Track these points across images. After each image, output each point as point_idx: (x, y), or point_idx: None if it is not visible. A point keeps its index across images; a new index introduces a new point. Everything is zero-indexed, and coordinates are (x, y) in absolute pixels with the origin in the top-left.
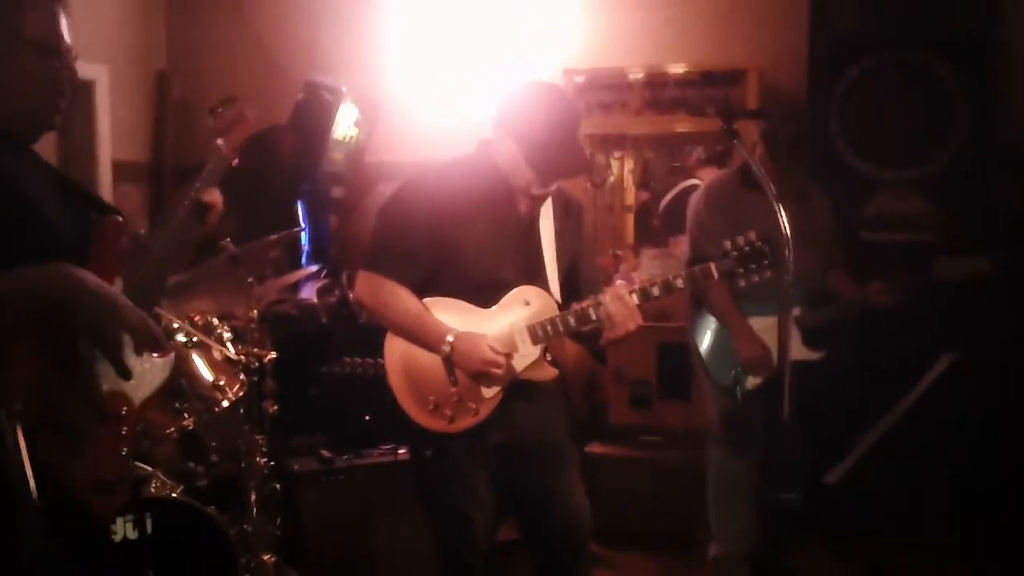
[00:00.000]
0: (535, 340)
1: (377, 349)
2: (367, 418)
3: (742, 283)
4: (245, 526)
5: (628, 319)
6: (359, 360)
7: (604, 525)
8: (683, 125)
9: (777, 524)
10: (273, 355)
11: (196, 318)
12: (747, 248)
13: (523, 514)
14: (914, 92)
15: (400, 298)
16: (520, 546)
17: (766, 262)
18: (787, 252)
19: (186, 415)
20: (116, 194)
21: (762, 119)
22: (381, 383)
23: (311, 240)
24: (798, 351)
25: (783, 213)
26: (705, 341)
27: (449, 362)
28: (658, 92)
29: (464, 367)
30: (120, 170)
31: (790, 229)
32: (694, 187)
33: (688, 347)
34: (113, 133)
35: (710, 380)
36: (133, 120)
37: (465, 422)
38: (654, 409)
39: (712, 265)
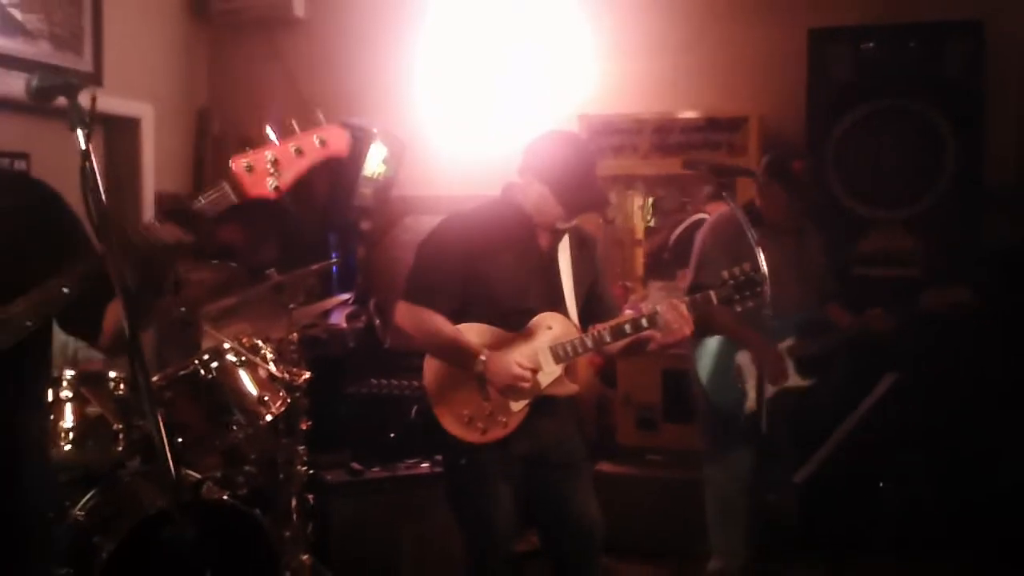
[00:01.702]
0: (557, 359)
1: (399, 371)
2: (392, 435)
3: (738, 308)
4: (285, 532)
5: (684, 325)
6: (383, 381)
7: (612, 538)
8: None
9: (771, 538)
10: (308, 375)
11: (244, 340)
12: (742, 277)
13: (542, 519)
14: (906, 136)
15: (437, 324)
16: (537, 556)
17: (758, 289)
18: (766, 288)
19: (234, 427)
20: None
21: (746, 176)
22: (404, 402)
23: (340, 269)
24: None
25: (762, 255)
26: (707, 368)
27: (482, 379)
28: (665, 136)
29: (495, 382)
30: (163, 202)
31: (789, 263)
32: (701, 221)
33: (690, 374)
34: (156, 166)
35: (710, 405)
36: (175, 154)
37: (495, 434)
38: (659, 431)
39: (712, 292)
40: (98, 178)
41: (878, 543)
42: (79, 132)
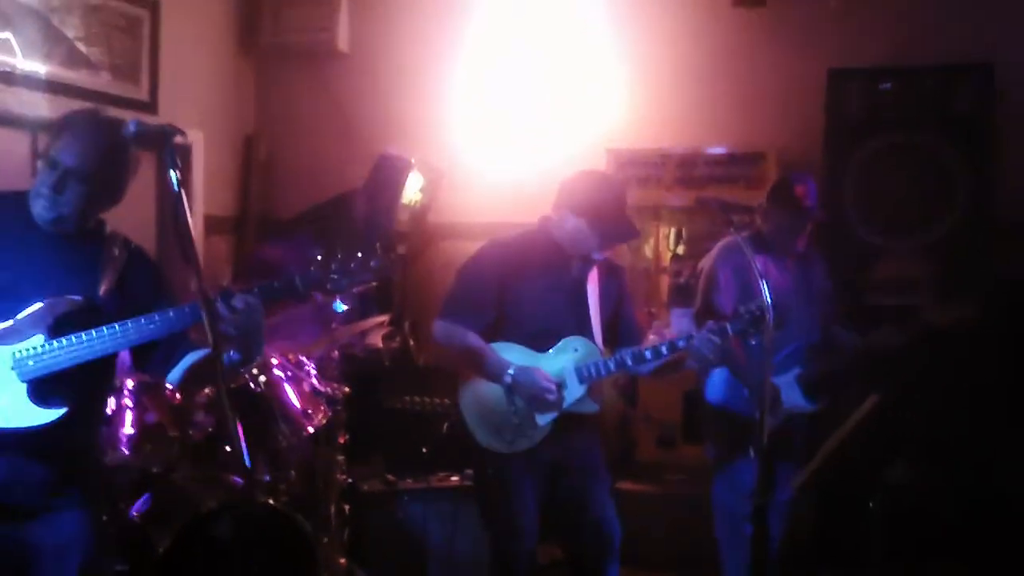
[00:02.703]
0: (581, 379)
1: (431, 390)
2: (424, 449)
3: (752, 341)
4: (324, 537)
5: (717, 351)
6: (417, 399)
7: (631, 552)
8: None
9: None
10: (347, 390)
11: (289, 356)
12: (757, 312)
13: (564, 524)
14: (918, 169)
15: (470, 339)
16: (558, 567)
17: (765, 322)
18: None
19: (279, 437)
20: (206, 244)
21: (750, 211)
22: (436, 419)
23: (376, 292)
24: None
25: (766, 285)
26: (723, 381)
27: (510, 392)
28: (689, 170)
29: (523, 394)
30: (210, 223)
31: (794, 288)
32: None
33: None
34: (205, 190)
35: (723, 416)
36: (223, 178)
37: (522, 445)
38: (678, 449)
39: (727, 324)
40: (189, 217)
41: (873, 556)
42: (172, 173)
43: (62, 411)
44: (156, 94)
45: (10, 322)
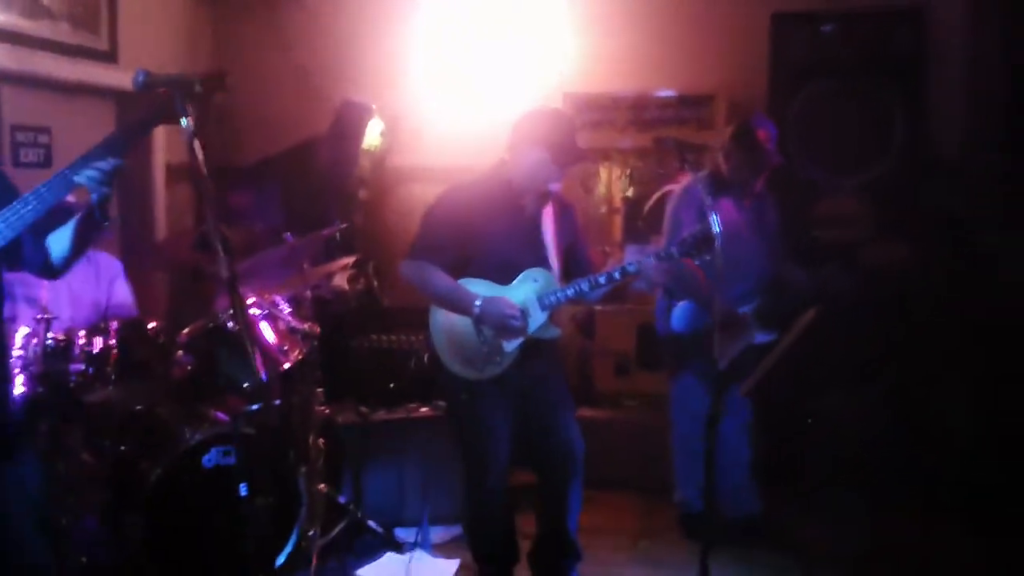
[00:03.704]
0: (543, 307)
1: (397, 328)
2: (392, 384)
3: (696, 261)
4: (303, 466)
5: (660, 274)
6: (383, 337)
7: (591, 473)
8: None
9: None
10: (319, 329)
11: (264, 295)
12: (699, 235)
13: (533, 443)
14: (857, 110)
15: (439, 276)
16: (530, 490)
17: (712, 245)
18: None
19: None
20: (170, 191)
21: (706, 151)
22: (402, 355)
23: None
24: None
25: (716, 217)
26: (682, 314)
27: (479, 323)
28: (640, 113)
29: (490, 323)
30: (172, 172)
31: (751, 225)
32: (672, 192)
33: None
34: (166, 140)
35: (688, 341)
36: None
37: (491, 371)
38: (633, 377)
39: (673, 248)
40: (200, 153)
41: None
42: (184, 121)
43: None
44: (116, 43)
45: None
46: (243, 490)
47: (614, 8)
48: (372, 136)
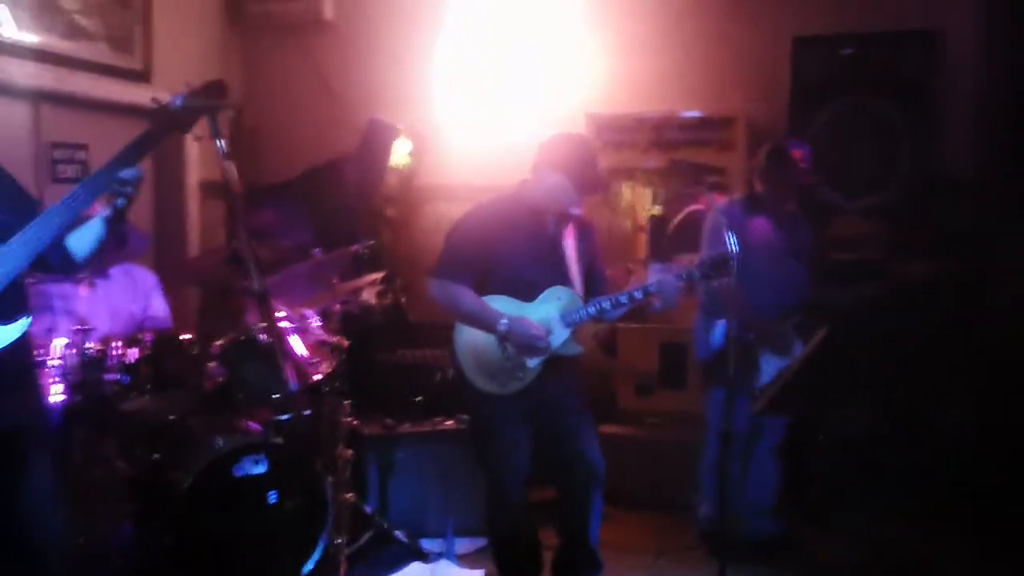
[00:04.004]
0: (566, 324)
1: (422, 343)
2: (418, 398)
3: (715, 283)
4: (331, 475)
5: (674, 295)
6: (409, 352)
7: (612, 490)
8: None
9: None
10: (347, 343)
11: (295, 309)
12: (717, 258)
13: (553, 457)
14: (871, 131)
15: (466, 295)
16: (550, 507)
17: (729, 267)
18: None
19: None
20: (203, 208)
21: (716, 176)
22: (428, 370)
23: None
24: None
25: (734, 238)
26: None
27: (503, 340)
28: (663, 134)
29: (515, 341)
30: (205, 188)
31: (787, 243)
32: (697, 211)
33: (687, 345)
34: (200, 156)
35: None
36: (214, 147)
37: (513, 387)
38: (655, 396)
39: (695, 268)
40: (233, 172)
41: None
42: (219, 142)
43: (26, 319)
44: (150, 64)
45: None
46: (272, 498)
47: (636, 31)
48: (399, 155)
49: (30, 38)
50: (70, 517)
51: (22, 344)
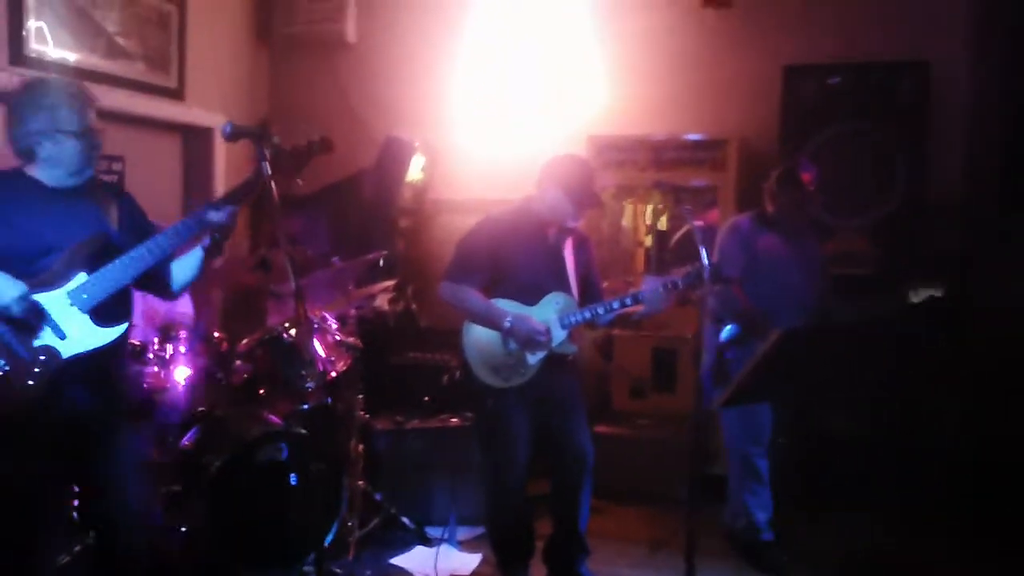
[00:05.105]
0: (563, 326)
1: (432, 347)
2: (427, 398)
3: (697, 292)
4: (345, 464)
5: (661, 302)
6: (419, 355)
7: (606, 486)
8: (678, 180)
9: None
10: (361, 345)
11: (315, 312)
12: (694, 272)
13: (549, 447)
14: (863, 156)
15: (474, 295)
16: (544, 500)
17: (702, 278)
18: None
19: (307, 380)
20: None
21: (698, 194)
22: (437, 372)
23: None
24: None
25: (705, 252)
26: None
27: (507, 337)
28: (660, 154)
29: (518, 338)
30: None
31: (797, 260)
32: (696, 227)
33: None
34: (227, 169)
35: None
36: (241, 158)
37: (516, 381)
38: (648, 399)
39: (678, 279)
40: (273, 190)
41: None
42: (264, 164)
43: (125, 325)
44: (184, 82)
45: (49, 272)
46: (293, 480)
47: (637, 59)
48: (414, 170)
49: (73, 56)
50: (153, 491)
51: (120, 344)
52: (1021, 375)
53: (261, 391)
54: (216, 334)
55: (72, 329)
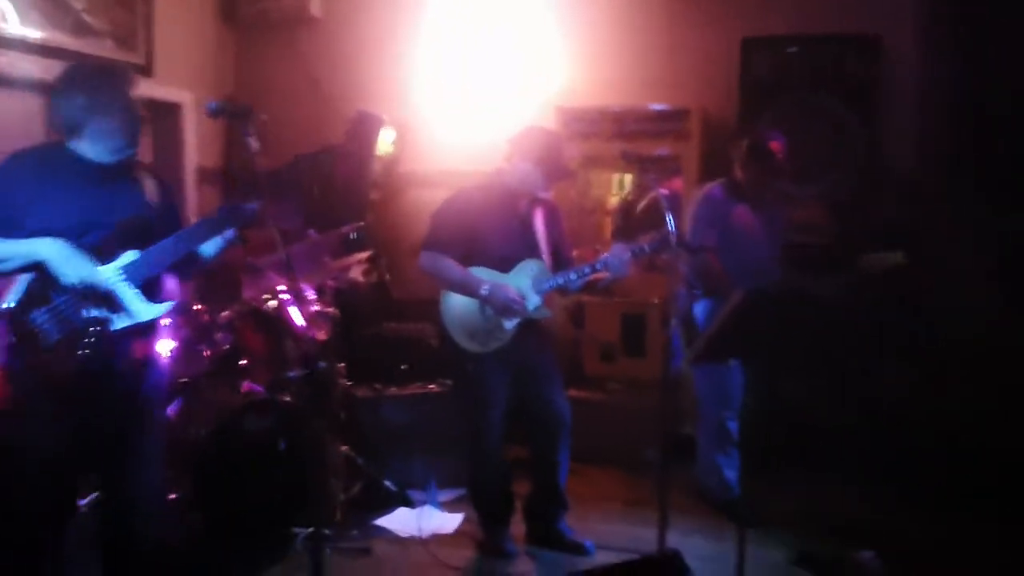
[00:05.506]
0: (537, 292)
1: (404, 318)
2: (403, 366)
3: (664, 256)
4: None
5: (624, 267)
6: (393, 325)
7: (579, 449)
8: (642, 150)
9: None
10: (338, 315)
11: (292, 284)
12: (659, 238)
13: (527, 408)
14: (819, 125)
15: (450, 264)
16: (520, 464)
17: (668, 244)
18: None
19: (288, 348)
20: (199, 192)
21: (660, 164)
22: (411, 342)
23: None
24: None
25: (672, 219)
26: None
27: (484, 304)
28: (625, 125)
29: (494, 304)
30: (201, 174)
31: (765, 228)
32: (662, 195)
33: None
34: (197, 144)
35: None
36: (210, 134)
37: (493, 346)
38: (618, 363)
39: (645, 245)
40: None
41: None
42: (250, 140)
43: (172, 302)
44: (152, 59)
45: (98, 247)
46: (282, 445)
47: (601, 33)
48: (384, 144)
49: (39, 34)
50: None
51: (156, 324)
52: (967, 347)
53: (243, 362)
54: (196, 306)
55: (125, 303)
